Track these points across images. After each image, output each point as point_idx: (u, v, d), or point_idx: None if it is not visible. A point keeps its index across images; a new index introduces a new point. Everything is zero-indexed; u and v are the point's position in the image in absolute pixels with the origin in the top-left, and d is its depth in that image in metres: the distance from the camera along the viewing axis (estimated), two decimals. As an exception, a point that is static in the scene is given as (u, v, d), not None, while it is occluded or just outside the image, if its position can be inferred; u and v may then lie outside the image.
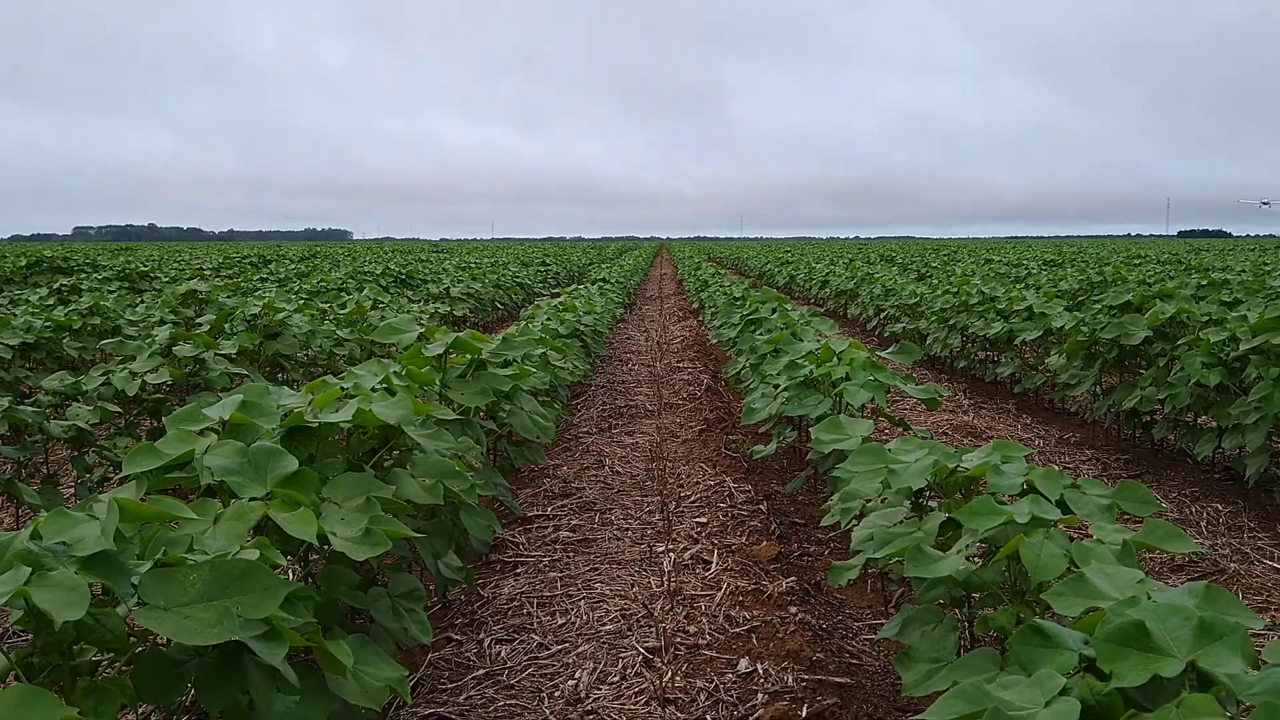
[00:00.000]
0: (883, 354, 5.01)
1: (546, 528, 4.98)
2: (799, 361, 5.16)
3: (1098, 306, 7.34)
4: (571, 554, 4.58)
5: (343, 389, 2.90)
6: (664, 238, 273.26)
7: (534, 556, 4.53)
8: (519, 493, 5.63)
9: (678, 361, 10.80)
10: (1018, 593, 2.40)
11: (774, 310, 7.84)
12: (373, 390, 3.01)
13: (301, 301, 8.58)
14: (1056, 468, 2.66)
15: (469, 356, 4.13)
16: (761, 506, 5.20)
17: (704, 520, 4.99)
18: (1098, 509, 2.53)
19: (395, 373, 3.31)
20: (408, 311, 10.15)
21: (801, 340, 5.82)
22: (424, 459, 2.80)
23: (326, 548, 2.53)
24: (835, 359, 4.85)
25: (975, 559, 2.56)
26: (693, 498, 5.42)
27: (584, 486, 5.76)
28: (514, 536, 4.78)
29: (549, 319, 7.73)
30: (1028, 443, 6.91)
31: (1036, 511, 2.37)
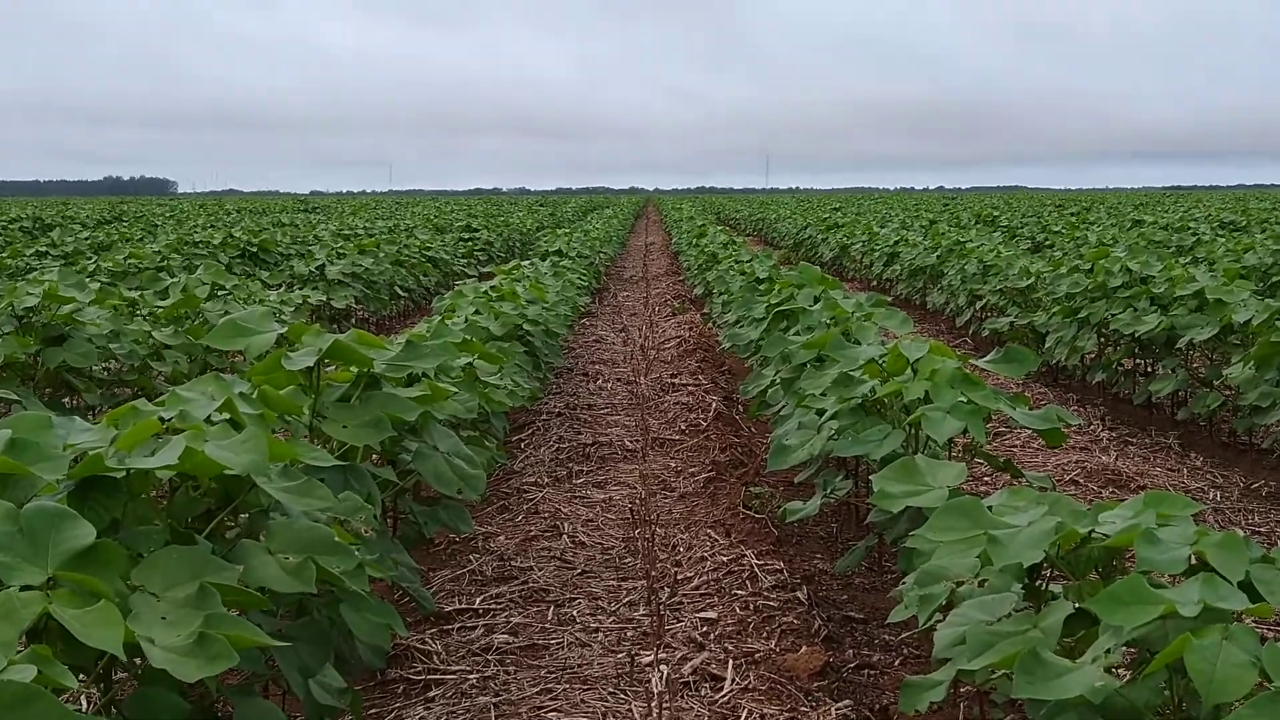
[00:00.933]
0: (980, 363, 5.04)
1: (474, 628, 4.96)
2: (854, 375, 5.18)
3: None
4: (512, 668, 4.56)
5: (162, 420, 2.89)
6: (650, 189, 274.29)
7: (455, 672, 4.51)
8: (433, 575, 5.62)
9: (672, 375, 10.82)
10: (1184, 721, 2.42)
11: (817, 299, 7.86)
12: (208, 422, 3.00)
13: (100, 288, 8.51)
14: (1240, 532, 2.68)
15: (355, 370, 4.13)
16: (799, 594, 5.21)
17: (713, 616, 4.99)
18: (1303, 594, 2.54)
19: (243, 394, 3.30)
20: (261, 302, 10.14)
21: (858, 343, 5.84)
22: (286, 526, 2.79)
23: (140, 662, 2.52)
24: (909, 370, 4.87)
25: (1120, 670, 2.57)
26: (695, 581, 5.43)
27: (531, 565, 5.77)
28: (425, 642, 4.77)
29: (477, 312, 7.73)
30: (1198, 495, 6.96)
31: (1210, 599, 2.38)
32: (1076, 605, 2.68)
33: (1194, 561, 2.65)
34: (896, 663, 4.62)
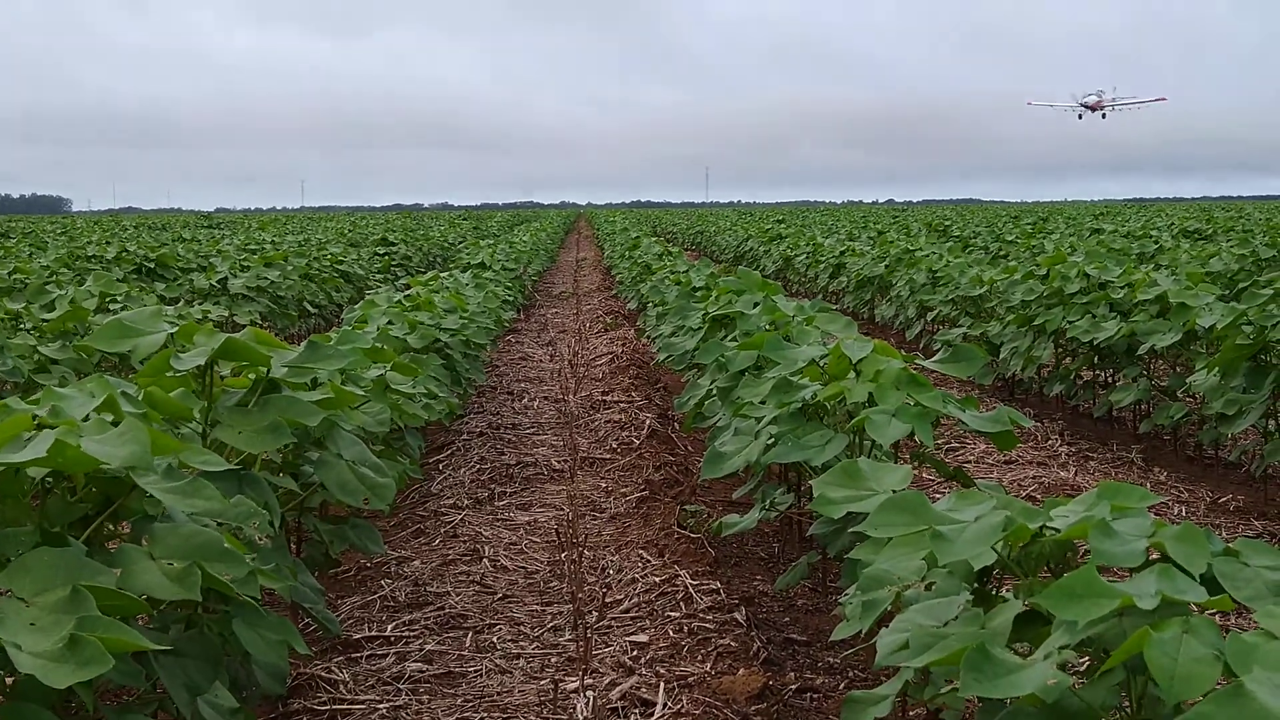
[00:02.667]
0: (927, 363, 5.04)
1: (385, 655, 4.93)
2: (794, 380, 5.17)
3: (1268, 293, 7.48)
4: (425, 698, 4.54)
5: (35, 417, 2.83)
6: (583, 204, 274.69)
7: (364, 702, 4.48)
8: (341, 602, 5.58)
9: (603, 393, 10.82)
10: (1143, 723, 2.41)
11: (756, 304, 7.87)
12: (87, 420, 2.95)
13: (-20, 302, 8.44)
14: (1201, 527, 2.68)
15: (253, 376, 4.07)
16: (737, 615, 5.20)
17: (644, 639, 4.99)
18: (1269, 587, 2.55)
19: (126, 394, 3.25)
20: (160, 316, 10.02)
21: (798, 345, 5.84)
22: (170, 530, 2.74)
23: (10, 680, 2.46)
24: (852, 372, 4.87)
25: (1075, 668, 2.56)
26: (626, 604, 5.42)
27: (448, 590, 5.74)
28: (331, 671, 4.73)
29: (390, 322, 7.69)
30: (1161, 511, 7.01)
31: (1168, 590, 2.38)
32: (1027, 604, 2.67)
33: (1152, 556, 2.65)
34: (841, 685, 4.61)
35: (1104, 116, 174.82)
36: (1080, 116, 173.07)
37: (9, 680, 2.48)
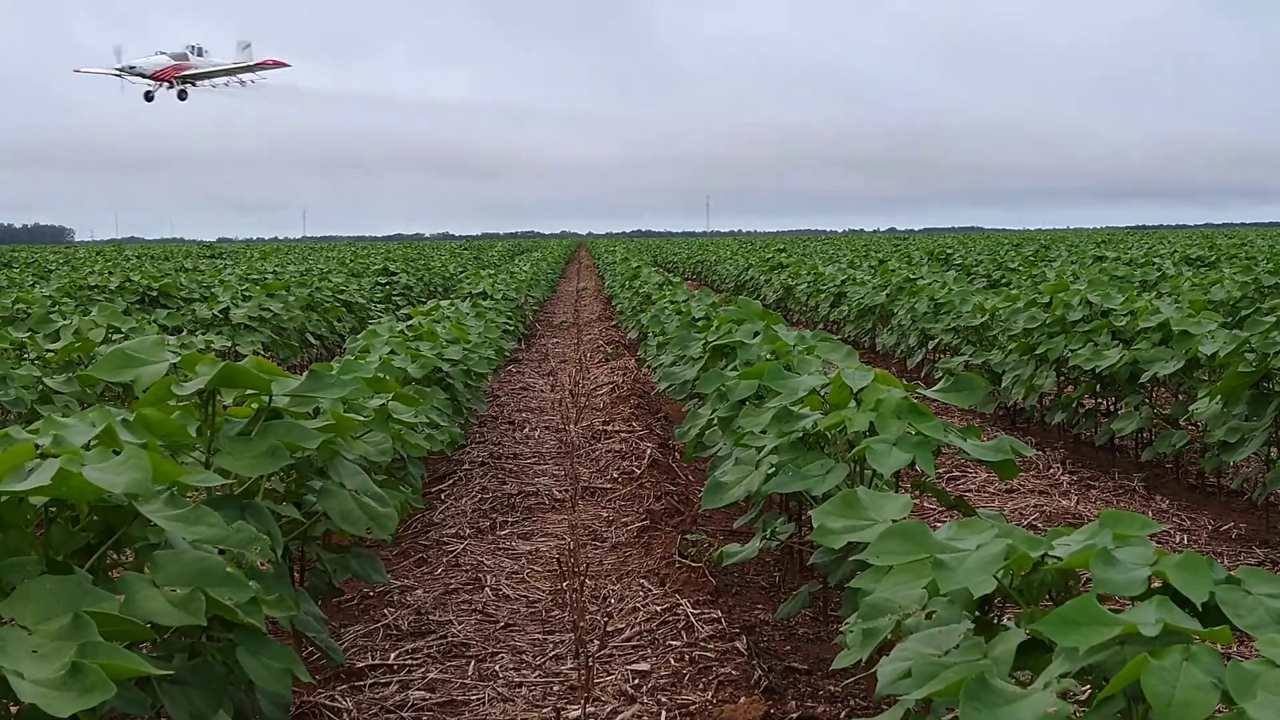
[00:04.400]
0: (928, 392, 5.05)
1: (388, 684, 4.94)
2: (795, 409, 5.17)
3: (1270, 320, 7.49)
4: (428, 726, 4.54)
5: (38, 446, 2.84)
6: (584, 233, 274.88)
7: (366, 731, 4.48)
8: (345, 630, 5.58)
9: (604, 422, 10.82)
10: (1143, 752, 2.41)
11: (756, 334, 7.88)
12: (86, 449, 2.96)
13: (-15, 332, 8.47)
14: (1203, 555, 2.69)
15: (255, 406, 4.08)
16: (738, 644, 5.20)
17: (645, 668, 4.99)
18: (1270, 615, 2.55)
19: (125, 422, 3.26)
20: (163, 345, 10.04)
21: (799, 374, 5.85)
22: (173, 557, 2.75)
23: (15, 709, 2.47)
24: (853, 402, 4.87)
25: (1076, 697, 2.56)
26: (627, 632, 5.42)
27: (450, 619, 5.74)
28: (334, 699, 4.74)
29: (393, 353, 7.69)
30: (1163, 539, 7.01)
31: (1169, 619, 2.38)
32: (1028, 633, 2.67)
33: (1153, 584, 2.66)
34: (842, 714, 4.61)
35: (184, 96, 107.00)
36: (149, 97, 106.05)
37: (14, 709, 2.49)
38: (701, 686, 4.76)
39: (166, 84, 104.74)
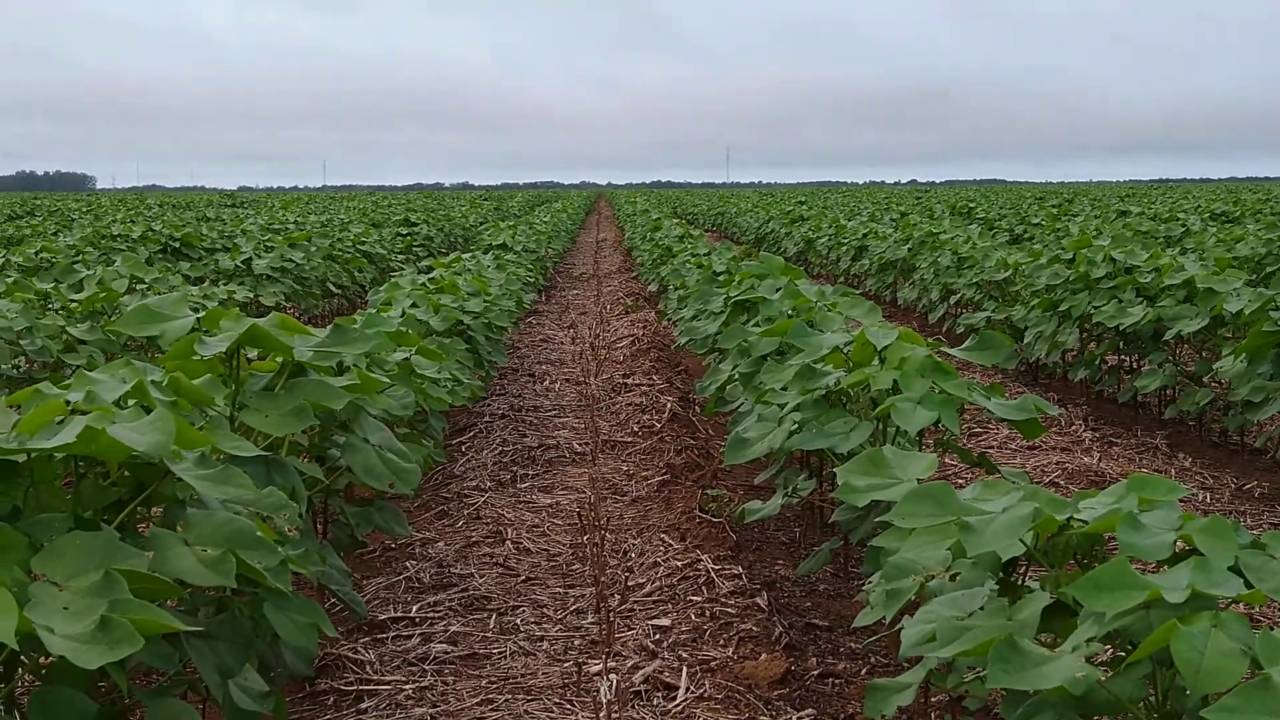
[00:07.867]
0: (953, 351, 5.04)
1: (410, 637, 4.96)
2: (817, 366, 5.17)
3: (1295, 278, 7.47)
4: (450, 679, 4.56)
5: (68, 402, 2.85)
6: (603, 184, 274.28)
7: (390, 682, 4.50)
8: (367, 583, 5.61)
9: (624, 376, 10.82)
10: (1170, 716, 2.41)
11: (778, 289, 7.86)
12: (118, 406, 2.97)
13: (10, 282, 8.47)
14: (1229, 519, 2.68)
15: (279, 360, 4.09)
16: (759, 600, 5.22)
17: (666, 623, 5.00)
18: (1294, 580, 2.55)
19: (154, 381, 3.27)
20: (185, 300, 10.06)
21: (821, 331, 5.84)
22: (205, 518, 2.76)
23: (44, 660, 2.48)
24: (876, 359, 4.86)
25: (1101, 660, 2.57)
26: (648, 587, 5.43)
27: (471, 572, 5.76)
28: (357, 651, 4.76)
29: (414, 305, 7.70)
30: (1186, 497, 6.99)
31: (1198, 584, 2.38)
32: (1054, 597, 2.68)
33: (1179, 548, 2.66)
34: (863, 671, 4.62)
35: None
36: None
37: (43, 661, 2.51)
38: (722, 642, 4.77)
39: None
